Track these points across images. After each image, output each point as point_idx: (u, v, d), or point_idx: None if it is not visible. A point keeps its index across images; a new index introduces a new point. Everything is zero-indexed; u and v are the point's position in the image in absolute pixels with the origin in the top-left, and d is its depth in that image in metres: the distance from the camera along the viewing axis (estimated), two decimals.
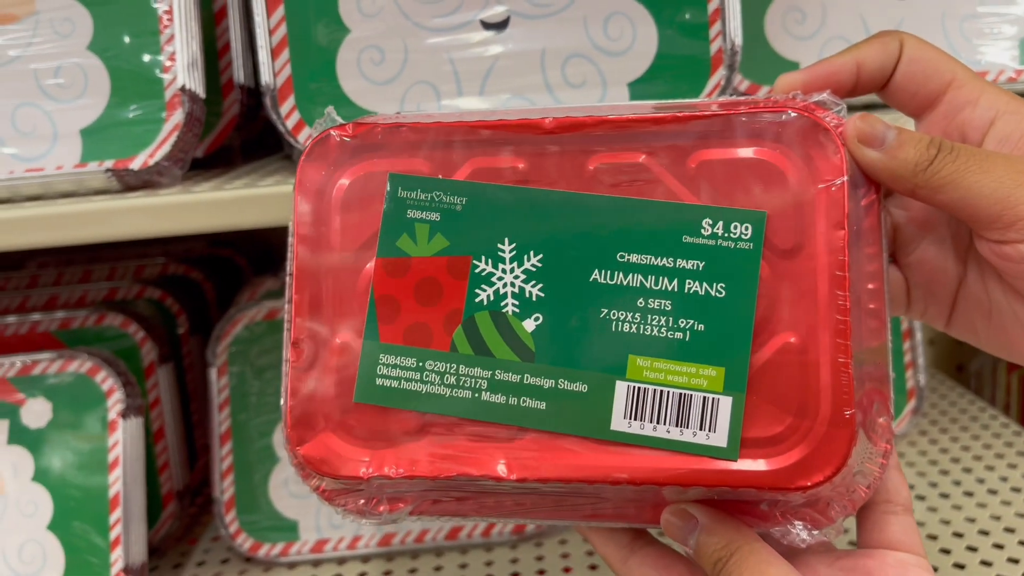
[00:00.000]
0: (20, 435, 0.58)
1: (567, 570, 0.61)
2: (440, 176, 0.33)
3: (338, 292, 0.34)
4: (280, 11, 0.49)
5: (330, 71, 0.49)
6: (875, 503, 0.33)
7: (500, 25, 0.49)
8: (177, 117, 0.49)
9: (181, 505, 0.68)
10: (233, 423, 0.65)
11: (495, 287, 0.32)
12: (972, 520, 0.63)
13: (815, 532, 0.30)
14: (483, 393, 0.32)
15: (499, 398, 0.32)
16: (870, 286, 0.29)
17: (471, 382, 0.32)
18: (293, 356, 0.33)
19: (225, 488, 0.65)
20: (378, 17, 0.49)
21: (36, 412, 0.58)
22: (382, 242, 0.33)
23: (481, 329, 0.32)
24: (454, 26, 0.49)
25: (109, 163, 0.48)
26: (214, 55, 0.57)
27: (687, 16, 0.48)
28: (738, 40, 0.48)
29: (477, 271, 0.32)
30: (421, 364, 0.33)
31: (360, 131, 0.34)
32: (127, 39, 0.49)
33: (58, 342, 0.66)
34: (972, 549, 0.60)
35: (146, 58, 0.49)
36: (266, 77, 0.49)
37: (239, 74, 0.57)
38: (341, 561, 0.65)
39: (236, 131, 0.59)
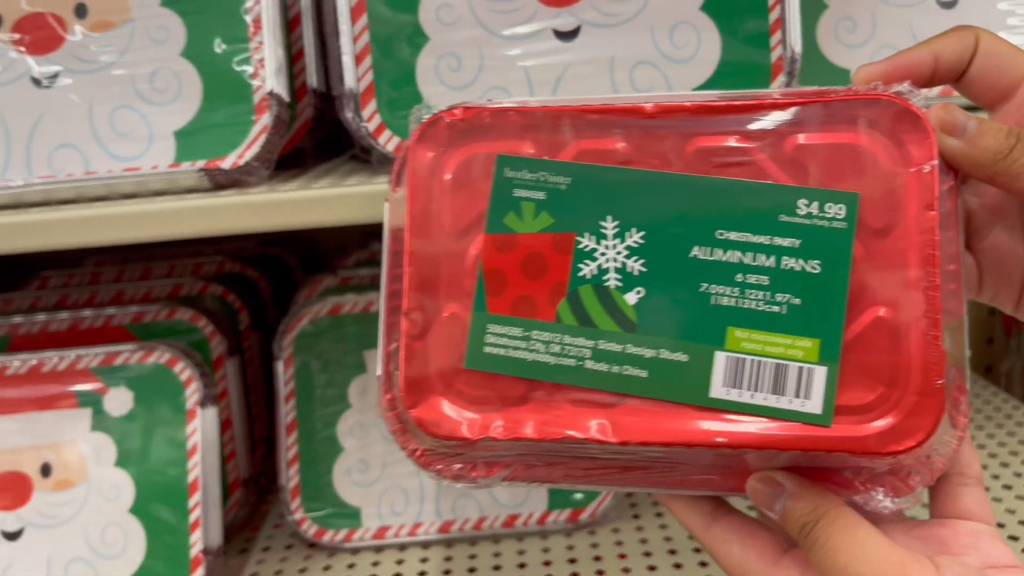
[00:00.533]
0: (102, 423, 0.61)
1: (622, 556, 0.64)
2: (546, 157, 0.36)
3: (447, 266, 0.36)
4: (363, 19, 0.52)
5: (410, 77, 0.52)
6: (949, 475, 0.35)
7: (571, 34, 0.52)
8: (265, 120, 0.52)
9: (246, 493, 0.71)
10: (298, 414, 0.68)
11: (598, 262, 0.35)
12: (1012, 512, 0.65)
13: (897, 500, 0.32)
14: (587, 361, 0.34)
15: (602, 366, 0.34)
16: (950, 267, 0.31)
17: (575, 351, 0.35)
18: (407, 325, 0.36)
19: (291, 476, 0.68)
20: (456, 26, 0.52)
21: (118, 401, 0.61)
22: (490, 219, 0.36)
23: (585, 302, 0.35)
24: (527, 35, 0.52)
25: (201, 163, 0.51)
26: (289, 61, 0.60)
27: (750, 25, 0.51)
28: (798, 48, 0.51)
29: (581, 247, 0.35)
30: (527, 334, 0.35)
31: (469, 114, 0.37)
32: (218, 46, 0.52)
33: (131, 335, 0.69)
34: (1014, 539, 0.62)
35: (236, 64, 0.52)
36: (349, 82, 0.52)
37: (312, 79, 0.60)
38: (402, 547, 0.67)
39: (309, 134, 0.62)
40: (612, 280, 0.35)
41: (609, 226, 0.35)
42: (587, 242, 0.35)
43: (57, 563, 0.59)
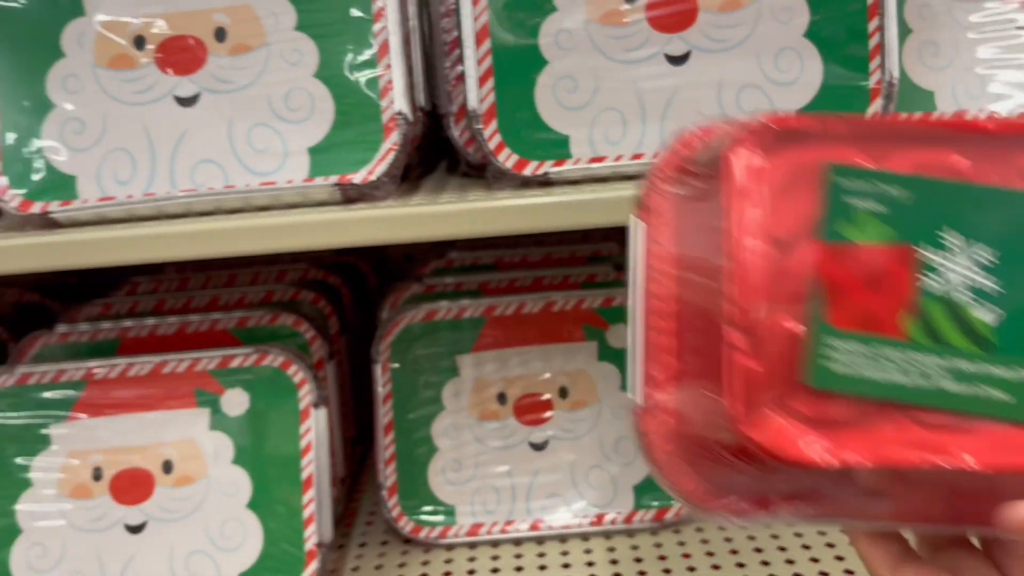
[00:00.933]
0: (220, 422, 0.64)
1: (710, 554, 0.67)
2: (879, 168, 0.35)
3: (772, 274, 0.34)
4: (487, 44, 0.55)
5: (529, 98, 0.55)
6: None
7: (682, 59, 0.55)
8: (394, 138, 0.55)
9: (342, 491, 0.74)
10: (394, 416, 0.71)
11: (945, 277, 0.34)
12: None
13: None
14: (940, 381, 0.34)
15: (957, 387, 0.33)
16: None
17: (927, 370, 0.34)
18: (736, 339, 0.33)
19: (388, 475, 0.71)
20: (574, 51, 0.55)
21: (234, 401, 0.64)
22: (823, 228, 0.35)
23: (934, 318, 0.34)
24: (640, 59, 0.55)
25: (334, 178, 0.55)
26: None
27: (850, 51, 0.54)
28: (895, 73, 0.54)
29: (924, 261, 0.34)
30: (873, 350, 0.34)
31: (792, 123, 0.35)
32: (349, 68, 0.55)
33: (235, 339, 0.72)
34: None
35: (366, 85, 0.55)
36: (473, 103, 0.55)
37: (420, 98, 0.63)
38: (495, 544, 0.71)
39: (417, 150, 0.65)
40: (963, 297, 0.34)
41: (954, 241, 0.34)
42: (932, 256, 0.34)
43: (178, 555, 0.63)
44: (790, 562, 0.65)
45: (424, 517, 0.71)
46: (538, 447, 0.72)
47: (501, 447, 0.72)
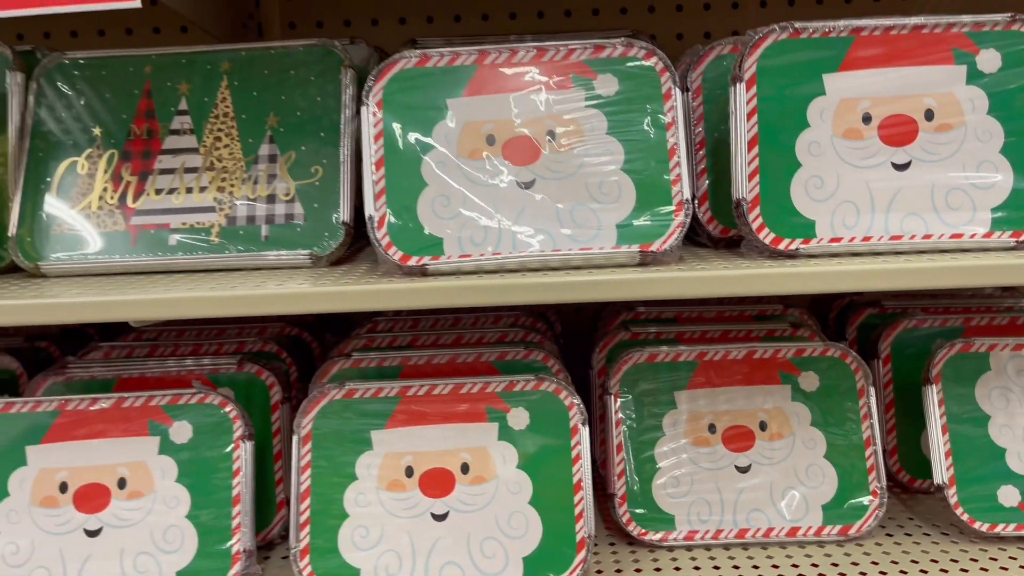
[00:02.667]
0: (507, 434, 0.80)
1: (894, 562, 0.81)
2: None
3: None
4: (756, 150, 0.73)
5: (785, 191, 0.73)
6: None
7: (904, 166, 0.72)
8: (681, 218, 0.72)
9: None
10: (624, 439, 0.87)
11: None
12: None
13: None
14: None
15: None
16: None
17: None
18: None
19: (619, 487, 0.86)
20: (821, 157, 0.72)
21: (519, 418, 0.80)
22: None
23: None
24: (872, 165, 0.72)
25: (636, 247, 0.72)
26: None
27: None
28: None
29: None
30: None
31: None
32: (651, 163, 0.73)
33: (494, 369, 0.88)
34: None
35: (661, 176, 0.73)
36: (741, 192, 0.73)
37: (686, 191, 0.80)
38: (708, 548, 0.85)
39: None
40: None
41: None
42: None
43: (474, 541, 0.78)
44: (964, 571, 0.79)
45: (648, 523, 0.86)
46: (742, 470, 0.87)
47: (711, 468, 0.87)
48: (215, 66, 0.84)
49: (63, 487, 0.78)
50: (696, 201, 0.82)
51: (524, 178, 0.73)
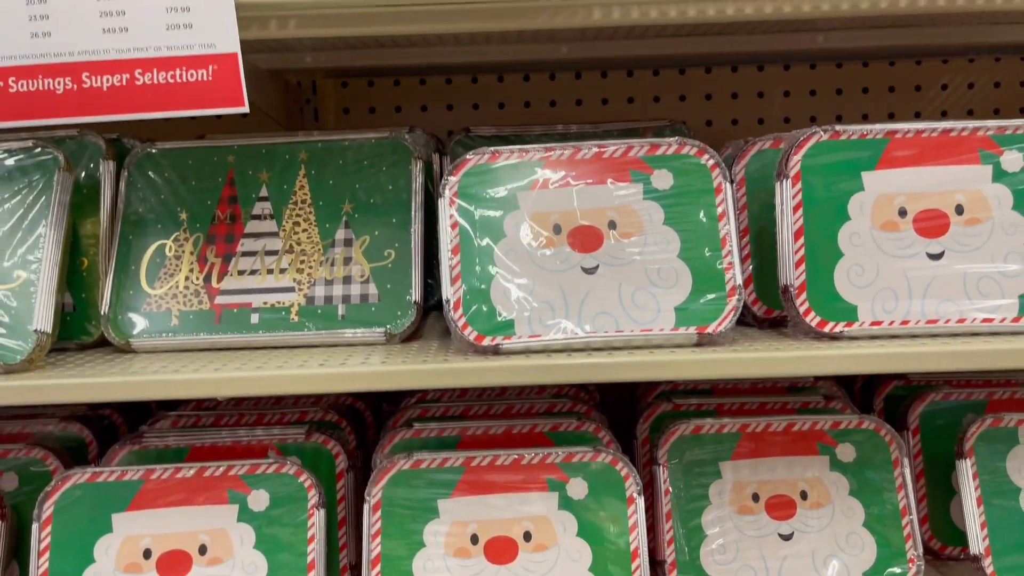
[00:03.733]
0: (567, 503, 0.85)
1: None
2: None
3: None
4: (802, 240, 0.79)
5: (829, 276, 0.79)
6: None
7: (938, 256, 0.79)
8: (734, 302, 0.78)
9: None
10: (672, 506, 0.92)
11: None
12: None
13: None
14: None
15: None
16: None
17: None
18: None
19: (669, 553, 0.90)
20: (861, 248, 0.79)
21: (578, 488, 0.85)
22: None
23: None
24: (909, 255, 0.79)
25: (693, 329, 0.77)
26: None
27: None
28: None
29: None
30: None
31: None
32: (704, 251, 0.79)
33: (549, 440, 0.93)
34: None
35: (715, 263, 0.79)
36: (788, 279, 0.79)
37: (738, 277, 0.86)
38: None
39: None
40: None
41: None
42: None
43: None
44: None
45: None
46: (785, 538, 0.91)
47: (756, 536, 0.91)
48: (294, 156, 0.91)
49: (147, 553, 0.82)
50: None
51: (588, 264, 0.79)
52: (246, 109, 0.72)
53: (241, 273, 0.87)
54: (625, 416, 1.08)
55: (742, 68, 1.22)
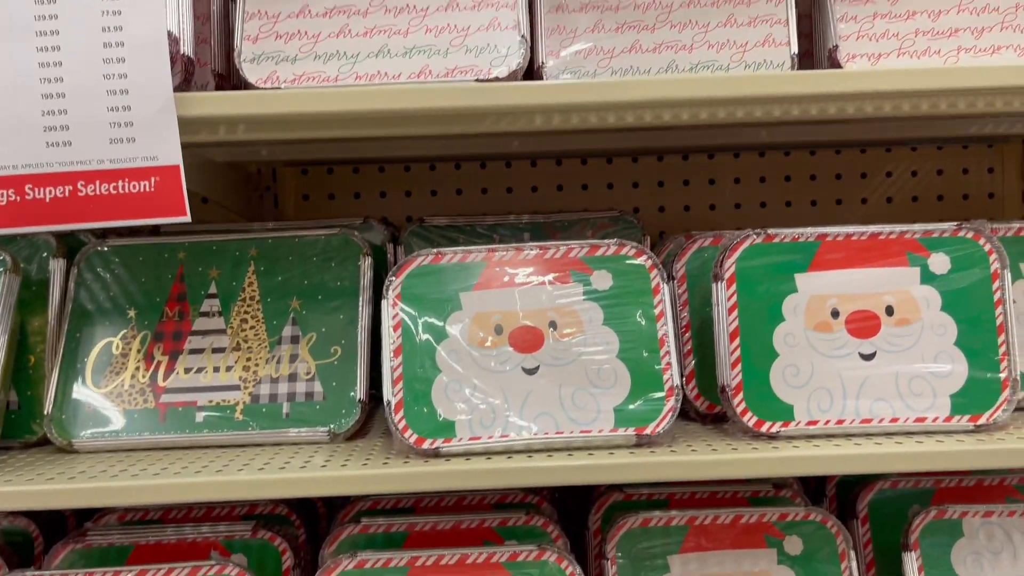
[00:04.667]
0: None
1: None
2: None
3: None
4: (737, 341, 0.81)
5: (765, 377, 0.80)
6: None
7: (870, 356, 0.81)
8: (671, 403, 0.79)
9: None
10: None
11: None
12: None
13: None
14: None
15: None
16: None
17: None
18: None
19: None
20: (796, 348, 0.81)
21: None
22: None
23: None
24: (842, 355, 0.81)
25: (632, 430, 0.78)
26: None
27: (988, 356, 0.80)
28: (1019, 371, 0.79)
29: None
30: None
31: None
32: (643, 352, 0.80)
33: (496, 536, 0.93)
34: None
35: (653, 364, 0.80)
36: (725, 379, 0.80)
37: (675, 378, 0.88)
38: None
39: None
40: None
41: None
42: None
43: None
44: None
45: None
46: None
47: None
48: (244, 252, 0.92)
49: None
50: (684, 379, 0.89)
51: (529, 365, 0.80)
52: (188, 219, 0.73)
53: (188, 371, 0.87)
54: (580, 504, 1.08)
55: (693, 156, 1.25)
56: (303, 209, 1.24)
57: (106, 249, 0.92)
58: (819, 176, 1.25)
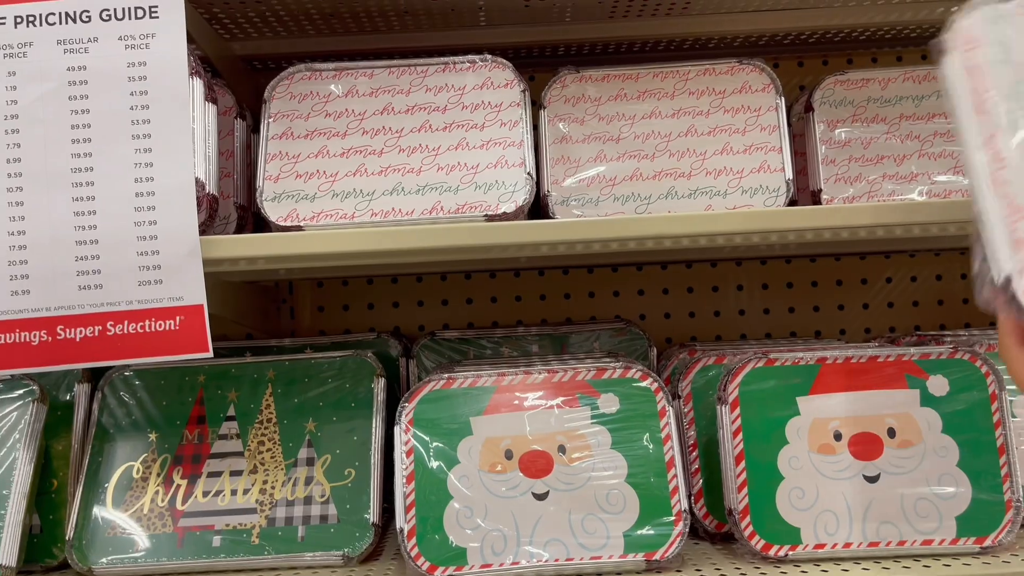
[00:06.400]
0: None
1: None
2: None
3: None
4: (743, 464, 0.82)
5: (771, 500, 0.82)
6: None
7: (874, 479, 0.82)
8: (680, 527, 0.80)
9: None
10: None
11: None
12: None
13: None
14: None
15: None
16: None
17: None
18: None
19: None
20: (801, 470, 0.82)
21: None
22: None
23: None
24: (847, 478, 0.82)
25: (641, 555, 0.79)
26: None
27: (990, 478, 0.81)
28: (1022, 493, 0.80)
29: None
30: None
31: None
32: (650, 476, 0.82)
33: None
34: None
35: (661, 488, 0.82)
36: (731, 503, 0.81)
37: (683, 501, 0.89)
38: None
39: None
40: None
41: None
42: None
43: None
44: None
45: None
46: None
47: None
48: (261, 375, 0.95)
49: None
50: (692, 499, 0.90)
51: (539, 490, 0.82)
52: (211, 354, 0.77)
53: (206, 494, 0.89)
54: None
55: (696, 265, 1.29)
56: (319, 320, 1.28)
57: (129, 373, 0.95)
58: (820, 283, 1.28)
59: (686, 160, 0.94)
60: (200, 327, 0.76)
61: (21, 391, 0.87)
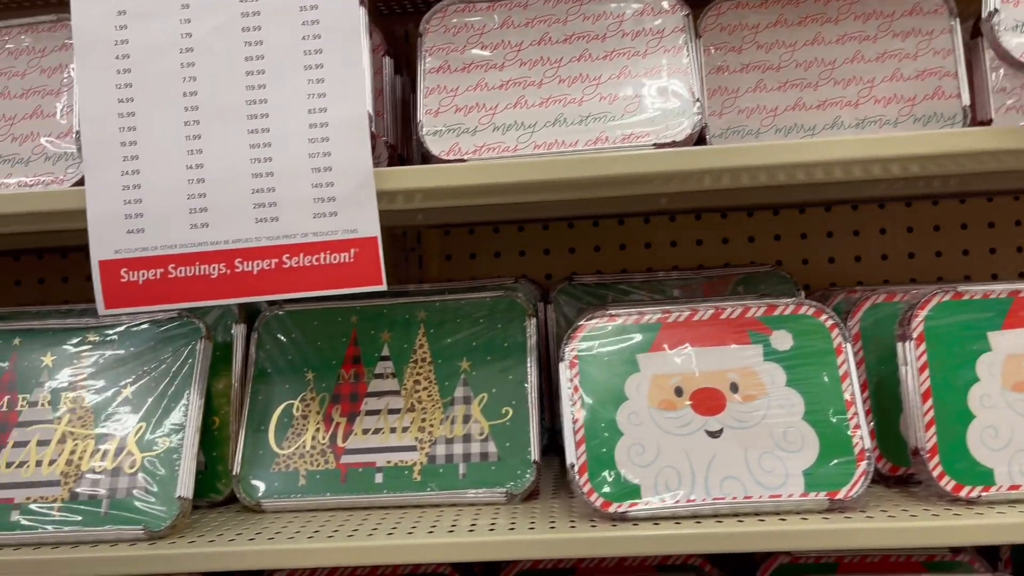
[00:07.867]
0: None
1: None
2: None
3: None
4: (930, 402, 0.78)
5: (962, 439, 0.77)
6: None
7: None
8: (864, 466, 0.77)
9: None
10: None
11: None
12: None
13: None
14: None
15: None
16: None
17: None
18: None
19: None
20: (992, 408, 0.78)
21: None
22: None
23: None
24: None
25: (824, 494, 0.76)
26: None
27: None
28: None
29: None
30: None
31: None
32: (830, 413, 0.79)
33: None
34: None
35: (841, 426, 0.78)
36: (918, 442, 0.78)
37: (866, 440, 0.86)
38: None
39: None
40: None
41: None
42: None
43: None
44: None
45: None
46: None
47: None
48: (413, 316, 0.95)
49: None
50: None
51: (712, 427, 0.79)
52: (384, 287, 0.76)
53: (365, 432, 0.90)
54: (743, 567, 1.05)
55: (835, 208, 1.23)
56: (446, 269, 1.27)
57: (282, 313, 0.96)
58: (970, 224, 1.22)
59: (852, 88, 0.90)
60: (374, 260, 0.75)
61: (187, 329, 0.88)
